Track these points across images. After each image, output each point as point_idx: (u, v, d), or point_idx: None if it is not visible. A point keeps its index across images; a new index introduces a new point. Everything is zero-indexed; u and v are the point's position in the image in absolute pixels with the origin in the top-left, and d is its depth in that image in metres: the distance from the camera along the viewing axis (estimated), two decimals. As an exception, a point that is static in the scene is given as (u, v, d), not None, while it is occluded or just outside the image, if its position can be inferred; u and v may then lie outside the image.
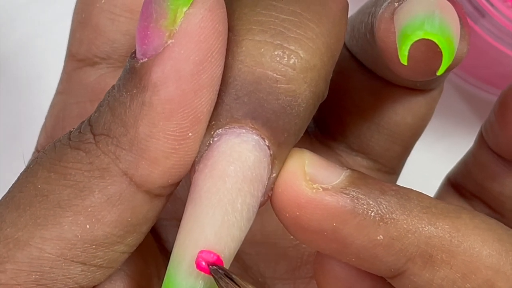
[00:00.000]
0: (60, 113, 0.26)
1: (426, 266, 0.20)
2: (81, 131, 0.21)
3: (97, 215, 0.21)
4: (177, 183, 0.21)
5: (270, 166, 0.21)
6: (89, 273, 0.21)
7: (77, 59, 0.26)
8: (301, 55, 0.21)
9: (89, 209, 0.20)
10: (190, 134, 0.20)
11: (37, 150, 0.27)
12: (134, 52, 0.20)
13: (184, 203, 0.26)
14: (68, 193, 0.21)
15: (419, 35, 0.20)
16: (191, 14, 0.20)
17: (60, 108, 0.26)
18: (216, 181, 0.20)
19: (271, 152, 0.21)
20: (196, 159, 0.21)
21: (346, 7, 0.22)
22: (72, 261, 0.21)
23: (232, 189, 0.20)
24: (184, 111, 0.20)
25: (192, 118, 0.20)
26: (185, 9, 0.20)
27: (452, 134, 0.44)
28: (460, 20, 0.21)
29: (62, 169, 0.21)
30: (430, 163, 0.42)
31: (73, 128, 0.22)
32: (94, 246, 0.21)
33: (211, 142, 0.21)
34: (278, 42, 0.21)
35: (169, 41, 0.20)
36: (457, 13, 0.21)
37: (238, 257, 0.27)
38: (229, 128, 0.21)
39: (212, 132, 0.21)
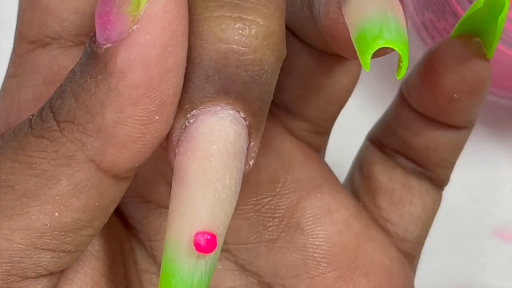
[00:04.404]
0: (15, 97, 0.26)
1: None
2: (43, 119, 0.21)
3: (65, 203, 0.20)
4: (142, 164, 0.21)
5: (247, 136, 0.21)
6: (58, 259, 0.21)
7: (29, 40, 0.25)
8: (261, 23, 0.21)
9: (57, 197, 0.20)
10: (156, 117, 0.20)
11: None
12: (93, 36, 0.20)
13: (145, 179, 0.26)
14: (35, 182, 0.20)
15: (380, 44, 0.20)
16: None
17: (14, 92, 0.26)
18: (201, 162, 0.20)
19: (247, 123, 0.21)
20: (174, 143, 0.21)
21: None
22: (42, 249, 0.21)
23: (219, 167, 0.20)
24: (151, 96, 0.20)
25: (158, 102, 0.20)
26: None
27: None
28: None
29: (27, 159, 0.20)
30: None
31: (32, 115, 0.21)
32: (63, 233, 0.21)
33: (186, 124, 0.21)
34: (237, 14, 0.20)
35: (134, 27, 0.19)
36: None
37: None
38: (204, 108, 0.21)
39: (188, 115, 0.21)
